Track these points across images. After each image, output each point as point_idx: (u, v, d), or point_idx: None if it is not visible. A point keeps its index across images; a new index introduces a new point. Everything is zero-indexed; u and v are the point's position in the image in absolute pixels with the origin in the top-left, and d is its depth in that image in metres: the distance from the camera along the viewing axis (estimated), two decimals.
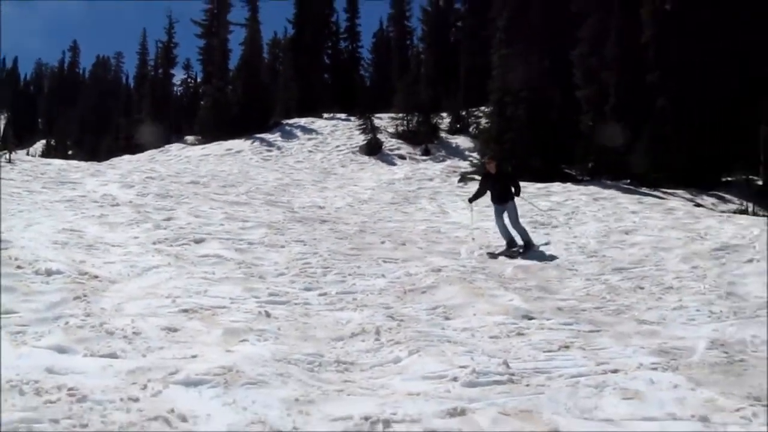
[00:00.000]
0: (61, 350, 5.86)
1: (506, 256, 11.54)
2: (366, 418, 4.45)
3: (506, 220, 12.14)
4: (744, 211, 17.74)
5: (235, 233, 11.68)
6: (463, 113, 34.16)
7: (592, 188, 20.58)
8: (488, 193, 12.43)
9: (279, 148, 30.10)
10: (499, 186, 12.15)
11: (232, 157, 28.17)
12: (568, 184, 21.53)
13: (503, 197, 12.07)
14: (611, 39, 23.25)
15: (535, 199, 16.61)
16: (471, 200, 12.82)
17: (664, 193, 20.91)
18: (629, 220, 14.64)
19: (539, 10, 24.41)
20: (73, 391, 4.89)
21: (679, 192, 21.10)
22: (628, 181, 22.30)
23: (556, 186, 20.99)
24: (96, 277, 8.22)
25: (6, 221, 11.15)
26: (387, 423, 4.40)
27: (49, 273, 8.10)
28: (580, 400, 4.88)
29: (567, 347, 6.21)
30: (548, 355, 5.98)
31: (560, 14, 24.13)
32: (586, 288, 9.23)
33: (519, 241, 12.04)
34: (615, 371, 5.48)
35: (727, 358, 5.92)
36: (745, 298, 8.26)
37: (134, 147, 40.58)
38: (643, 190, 21.20)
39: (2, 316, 6.66)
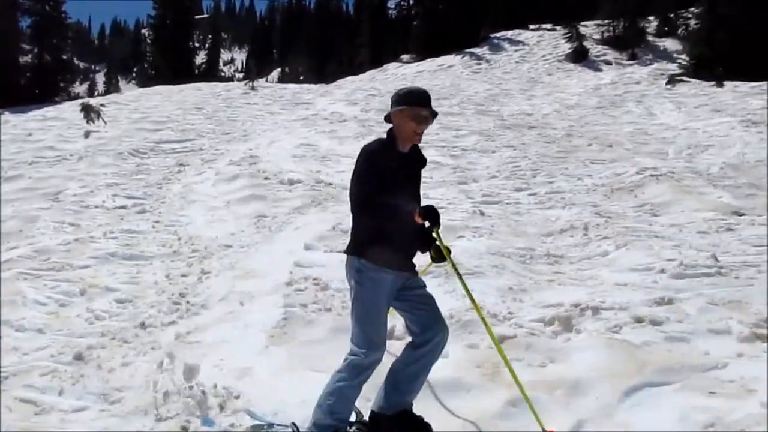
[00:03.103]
0: (306, 247, 6.36)
1: None
2: (576, 305, 4.42)
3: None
4: None
5: (449, 141, 11.75)
6: (671, 15, 31.16)
7: None
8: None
9: (488, 61, 29.46)
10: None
11: (444, 72, 28.05)
12: None
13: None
14: None
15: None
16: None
17: None
18: None
19: None
20: (317, 281, 5.31)
21: None
22: None
23: None
24: (330, 184, 8.72)
25: (253, 140, 12.07)
26: (596, 310, 4.34)
27: (291, 182, 8.75)
28: None
29: None
30: (759, 250, 5.53)
31: None
32: None
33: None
34: None
35: None
36: None
37: (356, 68, 41.78)
38: None
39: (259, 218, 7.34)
